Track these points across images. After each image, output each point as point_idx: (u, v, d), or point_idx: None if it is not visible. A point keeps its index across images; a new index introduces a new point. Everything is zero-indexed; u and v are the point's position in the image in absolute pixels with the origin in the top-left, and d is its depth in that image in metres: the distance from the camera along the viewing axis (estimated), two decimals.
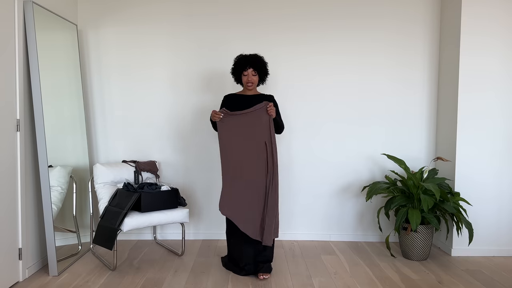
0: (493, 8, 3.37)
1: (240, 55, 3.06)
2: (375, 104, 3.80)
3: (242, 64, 2.99)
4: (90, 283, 2.82)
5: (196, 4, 3.74)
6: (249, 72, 2.98)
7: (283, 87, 3.76)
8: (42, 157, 2.90)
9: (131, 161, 3.62)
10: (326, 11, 3.75)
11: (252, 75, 2.99)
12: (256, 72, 2.99)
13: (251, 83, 3.00)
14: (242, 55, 3.05)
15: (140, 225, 3.04)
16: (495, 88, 3.42)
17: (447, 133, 3.61)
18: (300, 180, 3.84)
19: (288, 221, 3.86)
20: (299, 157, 3.83)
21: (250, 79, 2.99)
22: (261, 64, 3.01)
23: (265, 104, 2.90)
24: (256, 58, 3.00)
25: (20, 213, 2.81)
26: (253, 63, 2.98)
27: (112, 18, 3.75)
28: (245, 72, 2.99)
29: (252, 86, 3.02)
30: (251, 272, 2.96)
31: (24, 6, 2.86)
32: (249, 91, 3.08)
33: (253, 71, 2.98)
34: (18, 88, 2.79)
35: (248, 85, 3.02)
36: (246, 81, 3.01)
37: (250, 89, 3.05)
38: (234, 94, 3.13)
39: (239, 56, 3.06)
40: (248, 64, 2.97)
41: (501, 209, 3.48)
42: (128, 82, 3.78)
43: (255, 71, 2.99)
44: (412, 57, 3.77)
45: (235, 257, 3.05)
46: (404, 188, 3.41)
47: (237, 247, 3.02)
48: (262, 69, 3.02)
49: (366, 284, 2.85)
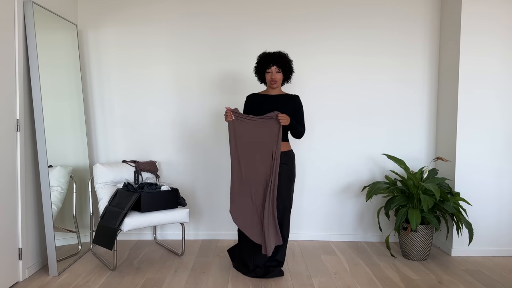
0: (493, 7, 3.37)
1: (263, 53, 2.95)
2: (375, 103, 3.80)
3: (265, 61, 2.88)
4: (90, 283, 2.82)
5: (196, 4, 3.74)
6: (272, 69, 2.87)
7: (282, 87, 3.75)
8: (42, 157, 2.90)
9: (131, 161, 3.62)
10: (326, 12, 3.75)
11: (276, 73, 2.88)
12: (280, 69, 2.90)
13: (274, 81, 2.89)
14: (265, 52, 2.93)
15: (140, 225, 3.04)
16: (495, 88, 3.42)
17: (447, 133, 3.61)
18: (300, 180, 3.83)
19: None
20: (299, 157, 3.81)
21: (274, 77, 2.88)
22: (285, 61, 2.89)
23: (276, 114, 2.80)
24: (280, 55, 2.89)
25: (20, 213, 2.81)
26: (277, 60, 2.86)
27: (112, 18, 3.75)
28: (269, 69, 2.88)
29: (276, 84, 2.91)
30: (260, 276, 2.89)
31: (24, 6, 2.86)
32: (273, 90, 2.97)
33: (276, 69, 2.88)
34: (18, 88, 2.79)
35: (272, 83, 2.90)
36: (269, 79, 2.90)
37: (274, 87, 2.93)
38: (258, 94, 3.03)
39: (262, 54, 2.95)
40: (272, 62, 2.86)
41: (501, 209, 3.48)
42: (128, 82, 3.78)
43: (278, 68, 2.89)
44: (412, 56, 3.77)
45: (245, 258, 2.97)
46: (404, 188, 3.41)
47: (249, 249, 2.93)
48: (287, 66, 2.91)
49: (366, 284, 2.85)
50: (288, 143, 2.98)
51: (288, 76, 2.97)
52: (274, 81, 2.90)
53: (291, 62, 2.95)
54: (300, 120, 2.98)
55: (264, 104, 2.94)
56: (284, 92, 3.06)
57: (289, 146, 2.98)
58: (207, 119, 3.78)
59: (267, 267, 2.93)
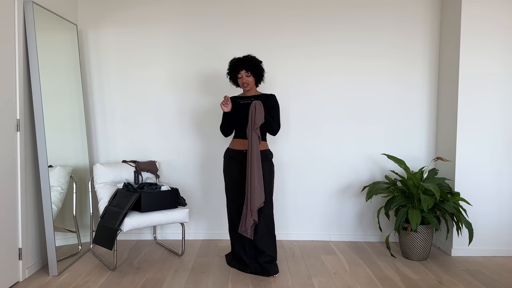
0: (493, 9, 3.37)
1: (233, 59, 3.08)
2: (375, 104, 3.80)
3: (235, 67, 3.02)
4: (90, 283, 2.82)
5: (195, 5, 3.75)
6: (242, 74, 3.00)
7: (282, 88, 3.76)
8: (42, 157, 2.90)
9: (131, 161, 3.62)
10: (326, 13, 3.75)
11: (246, 77, 3.00)
12: (249, 72, 3.00)
13: (246, 84, 3.01)
14: (234, 58, 3.07)
15: (140, 225, 3.04)
16: (495, 89, 3.42)
17: (447, 133, 3.61)
18: (300, 180, 3.84)
19: (288, 221, 3.86)
20: (299, 157, 3.83)
21: (245, 81, 3.01)
22: (253, 64, 3.00)
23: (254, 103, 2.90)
24: (247, 59, 3.01)
25: (20, 213, 2.81)
26: (245, 65, 2.98)
27: (112, 18, 3.75)
28: (239, 74, 3.01)
29: (248, 87, 3.04)
30: (258, 273, 2.95)
31: (24, 6, 2.86)
32: (248, 92, 3.09)
33: (246, 72, 2.99)
34: (18, 88, 2.79)
35: (244, 87, 3.04)
36: (241, 83, 3.04)
37: (247, 90, 3.06)
38: (236, 97, 3.15)
39: (231, 60, 3.08)
40: (240, 66, 2.99)
41: (501, 209, 3.48)
42: (128, 82, 3.78)
43: (248, 72, 2.99)
44: (412, 58, 3.77)
45: (238, 254, 3.06)
46: (404, 188, 3.41)
47: (239, 244, 3.05)
48: (256, 68, 3.02)
49: (366, 284, 2.85)
50: (266, 142, 3.07)
51: (259, 77, 3.07)
52: (246, 84, 3.02)
53: (260, 63, 3.05)
54: (275, 116, 3.04)
55: (242, 105, 3.04)
56: (260, 92, 3.16)
57: (266, 146, 3.06)
58: (207, 119, 3.78)
59: (262, 264, 2.95)
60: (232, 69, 3.05)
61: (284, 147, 3.79)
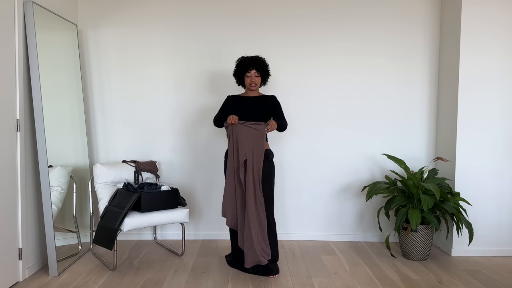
0: (493, 9, 3.37)
1: (242, 57, 3.09)
2: (376, 104, 3.80)
3: (245, 65, 3.02)
4: (90, 283, 2.82)
5: (195, 5, 3.74)
6: (252, 73, 3.01)
7: (283, 87, 3.76)
8: (42, 157, 2.90)
9: (131, 161, 3.62)
10: (327, 13, 3.75)
11: (255, 77, 3.02)
12: (259, 73, 3.03)
13: (254, 84, 3.03)
14: (244, 57, 3.08)
15: (140, 225, 3.04)
16: (495, 89, 3.42)
17: (447, 133, 3.61)
18: (300, 180, 3.84)
19: (288, 221, 3.86)
20: (299, 157, 3.83)
21: (254, 80, 3.02)
22: (263, 65, 3.05)
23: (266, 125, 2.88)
24: (258, 59, 3.04)
25: (20, 213, 2.81)
26: (256, 64, 3.01)
27: (112, 18, 3.75)
28: (248, 73, 3.02)
29: (255, 87, 3.05)
30: (258, 273, 2.95)
31: (24, 6, 2.86)
32: (251, 92, 3.10)
33: (256, 72, 3.02)
34: (18, 88, 2.79)
35: (251, 86, 3.04)
36: (249, 83, 3.04)
37: (253, 90, 3.07)
38: (237, 96, 3.14)
39: (241, 58, 3.08)
40: (251, 66, 3.00)
41: (501, 209, 3.48)
42: (128, 82, 3.78)
43: (258, 72, 3.02)
44: (412, 58, 3.77)
45: (239, 254, 3.04)
46: (404, 188, 3.41)
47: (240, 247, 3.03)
48: (265, 70, 3.06)
49: (366, 284, 2.85)
50: (267, 142, 3.08)
51: (265, 79, 3.11)
52: (254, 84, 3.03)
53: (268, 66, 3.10)
54: (280, 115, 3.09)
55: (244, 105, 3.05)
56: (262, 93, 3.17)
57: (267, 145, 3.07)
58: (207, 119, 3.78)
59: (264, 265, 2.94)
60: (242, 67, 3.04)
61: (284, 147, 3.79)
